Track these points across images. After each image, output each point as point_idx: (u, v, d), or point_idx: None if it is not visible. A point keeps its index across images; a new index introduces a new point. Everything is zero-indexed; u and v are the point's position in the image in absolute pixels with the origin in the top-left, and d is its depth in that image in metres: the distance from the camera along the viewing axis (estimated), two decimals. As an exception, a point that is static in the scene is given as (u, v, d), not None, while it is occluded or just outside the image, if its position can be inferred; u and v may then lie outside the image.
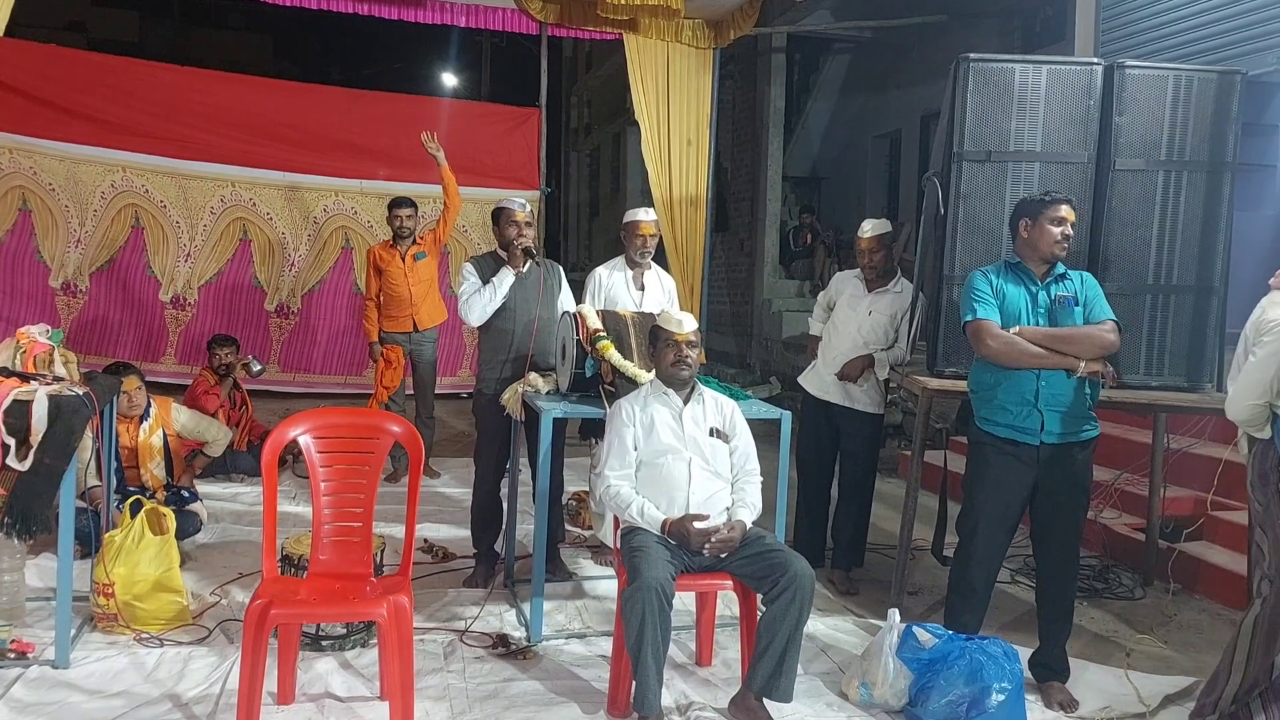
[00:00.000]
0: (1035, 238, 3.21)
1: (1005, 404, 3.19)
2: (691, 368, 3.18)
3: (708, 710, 3.05)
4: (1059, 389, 3.15)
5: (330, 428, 3.03)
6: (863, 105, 12.54)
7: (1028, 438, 3.17)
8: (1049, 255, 3.22)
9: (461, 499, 5.35)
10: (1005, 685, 2.86)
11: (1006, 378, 3.18)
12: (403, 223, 5.70)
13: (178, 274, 7.47)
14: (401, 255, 5.71)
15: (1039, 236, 3.20)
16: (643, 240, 4.47)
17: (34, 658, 3.15)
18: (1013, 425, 3.19)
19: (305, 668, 3.17)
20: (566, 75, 19.43)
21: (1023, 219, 3.25)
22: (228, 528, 4.79)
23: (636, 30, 7.35)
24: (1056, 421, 3.16)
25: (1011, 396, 3.17)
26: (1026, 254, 3.26)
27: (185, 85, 7.35)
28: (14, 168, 6.92)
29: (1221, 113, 3.80)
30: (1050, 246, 3.19)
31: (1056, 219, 3.18)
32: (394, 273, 5.69)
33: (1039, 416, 3.15)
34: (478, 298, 4.00)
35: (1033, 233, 3.22)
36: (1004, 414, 3.20)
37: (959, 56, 3.81)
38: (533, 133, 7.67)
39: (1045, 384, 3.14)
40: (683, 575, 2.98)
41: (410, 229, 5.74)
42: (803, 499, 4.52)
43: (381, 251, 5.77)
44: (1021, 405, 3.16)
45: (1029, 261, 3.25)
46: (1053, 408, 3.15)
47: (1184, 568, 4.41)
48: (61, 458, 3.06)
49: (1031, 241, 3.23)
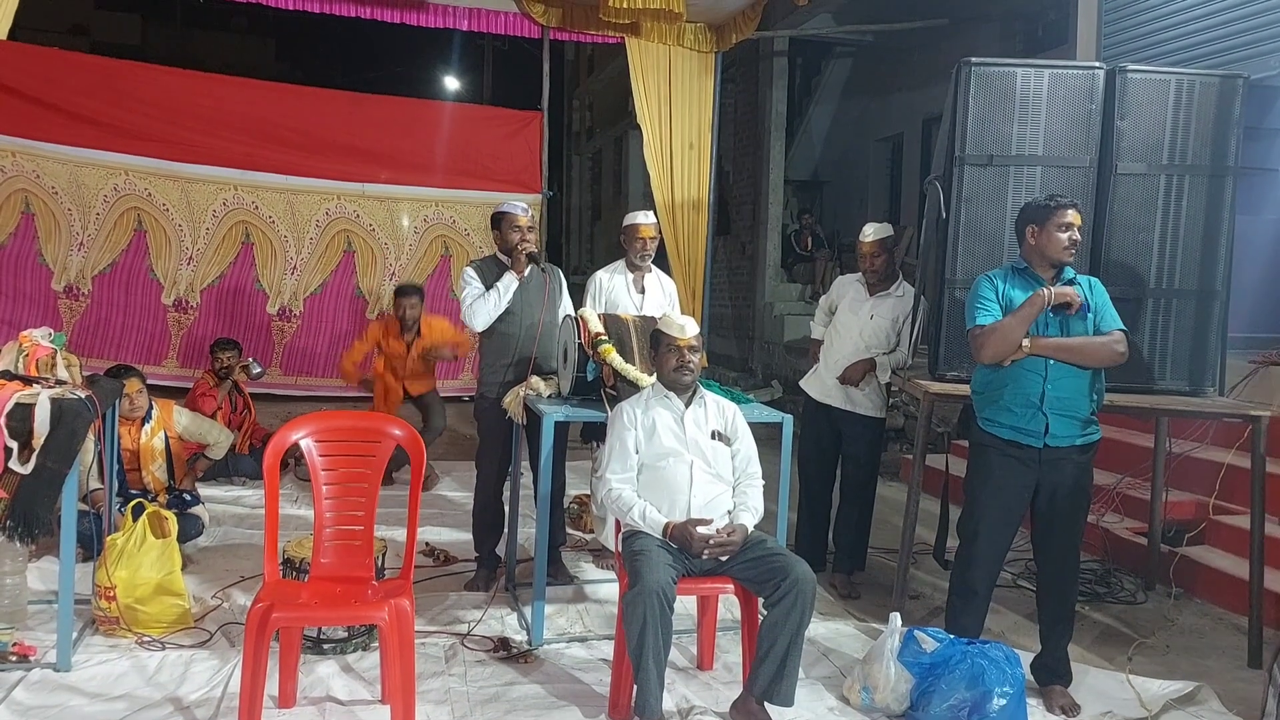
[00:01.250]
0: (1043, 244, 3.19)
1: (1010, 405, 3.18)
2: (694, 373, 3.18)
3: (709, 714, 3.04)
4: (1064, 392, 3.14)
5: (332, 431, 3.04)
6: (864, 109, 12.56)
7: (1031, 440, 3.17)
8: (1058, 261, 3.20)
9: (463, 502, 5.35)
10: (1007, 689, 2.86)
11: (1011, 379, 3.17)
12: (406, 312, 5.88)
13: (180, 277, 7.47)
14: (408, 345, 5.87)
15: (1047, 243, 3.18)
16: (643, 243, 4.47)
17: (36, 661, 3.16)
18: (1016, 427, 3.18)
19: (306, 671, 3.17)
20: (568, 79, 19.47)
21: (1029, 225, 3.22)
22: (229, 531, 4.79)
23: (638, 34, 7.35)
24: (1060, 424, 3.16)
25: (1016, 398, 3.17)
26: (1034, 260, 3.24)
27: (188, 88, 7.36)
28: (17, 171, 6.92)
29: (1223, 117, 3.80)
30: (1059, 253, 3.17)
31: (1064, 224, 3.15)
32: (395, 362, 5.86)
33: (1043, 419, 3.15)
34: (482, 303, 4.00)
35: (1040, 239, 3.19)
36: (1008, 415, 3.19)
37: (960, 60, 3.81)
38: (534, 136, 7.68)
39: (1051, 387, 3.14)
40: (684, 579, 2.98)
41: (415, 318, 5.91)
42: (804, 503, 4.52)
43: (391, 340, 5.90)
44: (1026, 407, 3.16)
45: (1036, 267, 3.23)
46: (1057, 411, 3.15)
47: (1186, 572, 4.40)
48: (64, 461, 3.06)
49: (1039, 248, 3.20)
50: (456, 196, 7.88)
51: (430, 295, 7.98)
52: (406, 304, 5.88)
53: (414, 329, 5.91)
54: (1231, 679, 3.52)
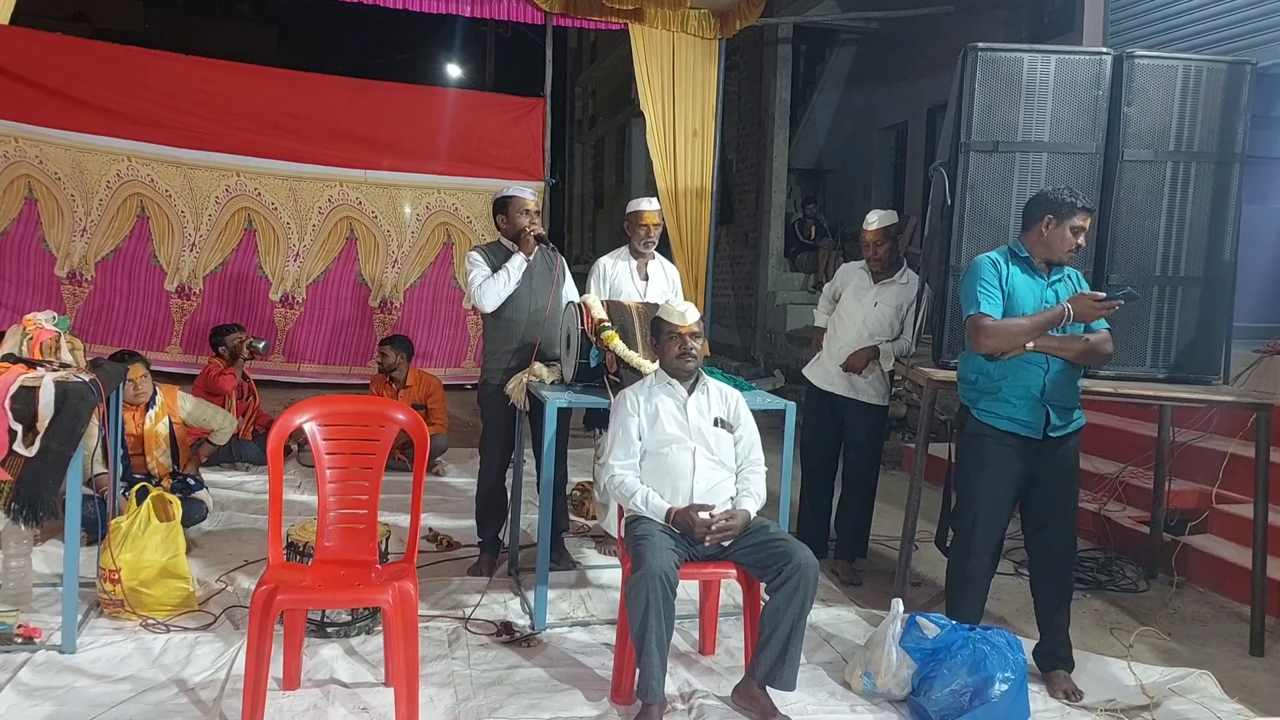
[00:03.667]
0: (1053, 238, 3.15)
1: (1009, 398, 3.17)
2: (696, 359, 3.18)
3: (711, 698, 3.05)
4: (1061, 384, 3.15)
5: (336, 415, 3.03)
6: (869, 97, 12.50)
7: (1031, 432, 3.16)
8: (1059, 259, 3.18)
9: (466, 488, 5.37)
10: (1008, 675, 2.87)
11: (1011, 372, 3.16)
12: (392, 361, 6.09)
13: (183, 264, 7.47)
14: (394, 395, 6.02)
15: (1057, 238, 3.14)
16: (646, 230, 4.46)
17: (41, 643, 3.17)
18: (1016, 419, 3.17)
19: (310, 654, 3.18)
20: (571, 66, 19.40)
21: (1048, 215, 3.16)
22: (233, 515, 4.80)
23: (642, 20, 7.32)
24: (1058, 416, 3.17)
25: (1017, 391, 3.16)
26: (1036, 249, 3.21)
27: (190, 74, 7.34)
28: (19, 156, 6.92)
29: (1230, 104, 3.79)
30: (1063, 252, 3.16)
31: (1078, 227, 3.12)
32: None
33: (1044, 411, 3.15)
34: (492, 284, 3.98)
35: (1053, 232, 3.15)
36: (1007, 407, 3.18)
37: (967, 46, 3.79)
38: (537, 123, 7.65)
39: (1050, 381, 3.13)
40: (686, 564, 2.99)
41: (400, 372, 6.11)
42: (806, 490, 4.52)
43: (382, 388, 6.10)
44: (1026, 400, 3.15)
45: (1035, 256, 3.22)
46: (1055, 403, 3.15)
47: (1188, 560, 4.41)
48: (68, 444, 3.07)
49: (1048, 240, 3.17)
50: (459, 184, 7.87)
51: (432, 283, 8.00)
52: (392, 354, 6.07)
53: (404, 381, 6.11)
54: (1233, 666, 3.53)
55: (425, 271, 7.98)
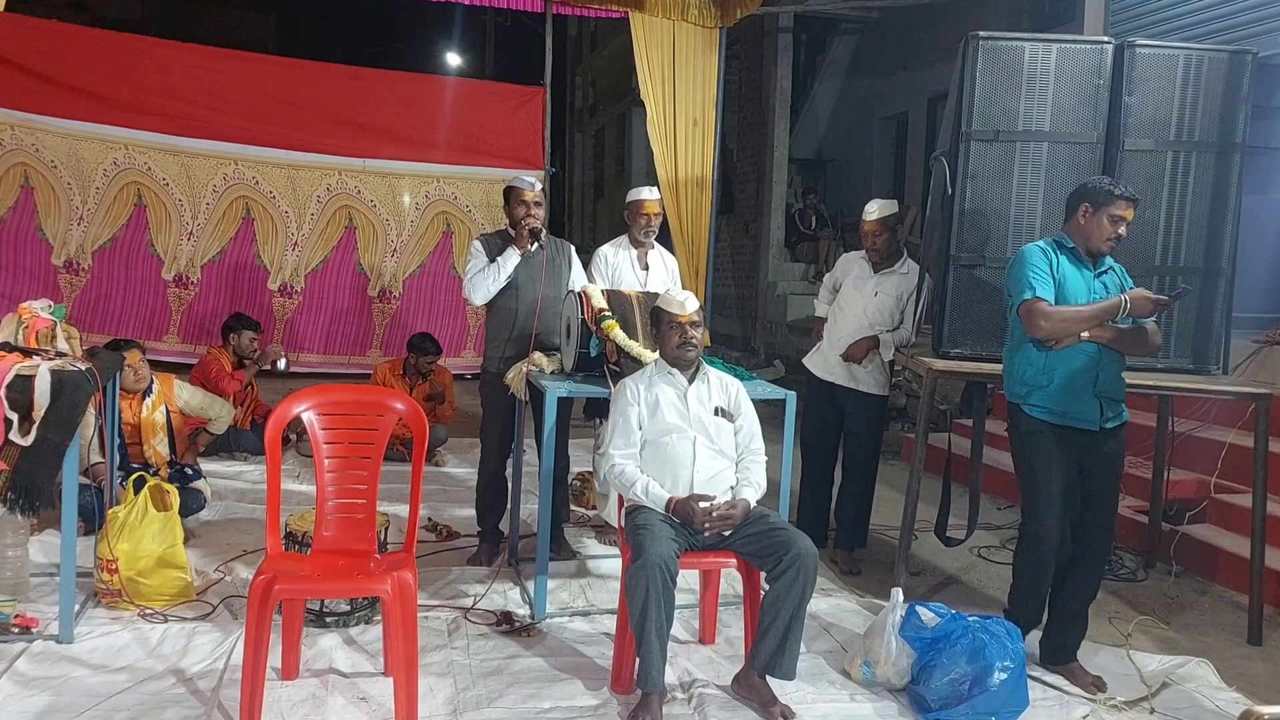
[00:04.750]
0: (1090, 227, 3.10)
1: (1064, 391, 3.11)
2: (697, 348, 3.17)
3: (711, 687, 3.05)
4: (1110, 376, 3.13)
5: (334, 404, 3.02)
6: (869, 87, 12.46)
7: (1088, 424, 3.12)
8: (1097, 249, 3.13)
9: (466, 478, 5.36)
10: (1008, 664, 2.87)
11: (1062, 363, 3.10)
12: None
13: (180, 253, 7.45)
14: (410, 388, 6.00)
15: (1094, 227, 3.09)
16: (647, 219, 4.45)
17: (38, 633, 3.16)
18: (1071, 413, 3.12)
19: (309, 644, 3.18)
20: (571, 55, 19.33)
21: (1084, 203, 3.12)
22: (231, 505, 4.79)
23: (642, 9, 7.28)
24: (1110, 408, 3.15)
25: (1071, 384, 3.09)
26: (1077, 239, 3.15)
27: (188, 62, 7.31)
28: (16, 144, 6.89)
29: (1231, 94, 3.77)
30: (1101, 242, 3.10)
31: (1117, 216, 3.06)
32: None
33: (1098, 404, 3.11)
34: (481, 277, 3.99)
35: (1090, 221, 3.10)
36: (1060, 401, 3.11)
37: (968, 35, 3.77)
38: (537, 112, 7.62)
39: (1102, 372, 3.11)
40: (686, 553, 2.98)
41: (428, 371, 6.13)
42: (806, 480, 4.52)
43: (392, 379, 6.05)
44: (1081, 393, 3.11)
45: (1079, 247, 3.15)
46: (1107, 395, 3.13)
47: (1187, 550, 4.41)
48: (65, 433, 3.05)
49: (1085, 230, 3.12)
50: (458, 172, 7.86)
51: (431, 273, 7.98)
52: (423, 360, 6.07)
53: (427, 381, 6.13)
54: (1231, 655, 3.53)
55: (424, 260, 7.97)
